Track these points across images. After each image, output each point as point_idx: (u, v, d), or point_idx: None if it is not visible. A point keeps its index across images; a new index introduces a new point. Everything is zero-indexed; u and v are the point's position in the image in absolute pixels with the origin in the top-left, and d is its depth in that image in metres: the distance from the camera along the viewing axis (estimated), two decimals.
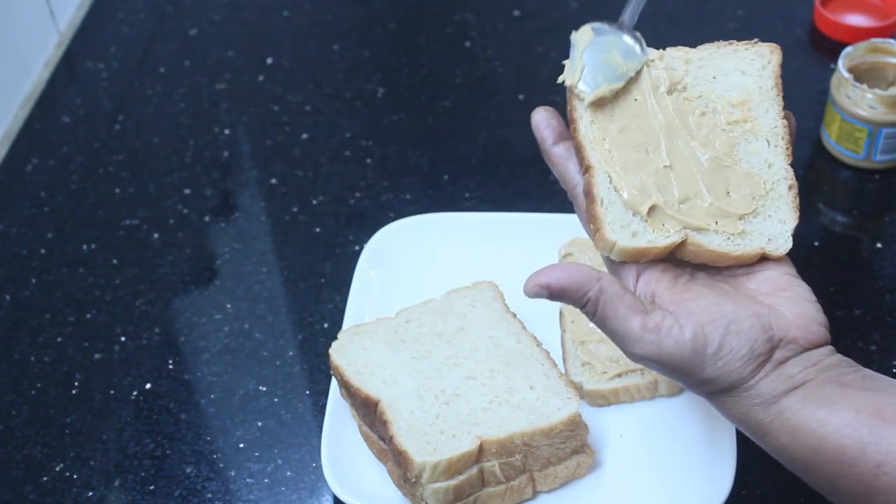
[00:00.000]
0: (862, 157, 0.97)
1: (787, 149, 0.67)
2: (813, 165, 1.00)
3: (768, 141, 0.67)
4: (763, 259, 0.66)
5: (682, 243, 0.64)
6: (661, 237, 0.64)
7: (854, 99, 0.95)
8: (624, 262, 0.65)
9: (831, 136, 0.98)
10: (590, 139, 0.66)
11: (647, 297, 0.64)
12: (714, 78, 0.69)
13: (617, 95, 0.67)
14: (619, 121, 0.67)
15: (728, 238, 0.65)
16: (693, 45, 1.17)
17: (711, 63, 0.69)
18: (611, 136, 0.66)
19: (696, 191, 0.65)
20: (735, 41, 0.71)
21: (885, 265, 0.91)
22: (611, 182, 0.65)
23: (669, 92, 0.68)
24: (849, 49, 0.97)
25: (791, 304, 0.64)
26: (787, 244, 0.65)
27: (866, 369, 0.63)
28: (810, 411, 0.60)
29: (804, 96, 1.05)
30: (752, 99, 0.68)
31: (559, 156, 0.68)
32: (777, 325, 0.62)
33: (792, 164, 0.67)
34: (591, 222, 0.65)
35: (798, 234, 0.93)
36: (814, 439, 0.59)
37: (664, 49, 0.70)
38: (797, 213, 0.66)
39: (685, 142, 0.66)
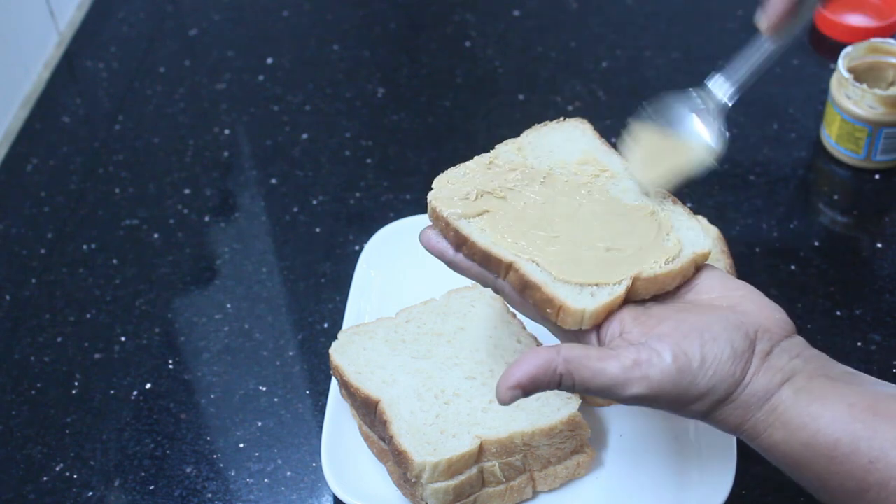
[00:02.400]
0: (862, 157, 0.97)
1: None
2: (813, 165, 1.00)
3: (629, 179, 0.70)
4: (698, 270, 0.66)
5: (634, 282, 0.64)
6: (617, 287, 0.64)
7: (854, 99, 0.95)
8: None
9: (831, 136, 0.98)
10: (492, 243, 0.66)
11: (615, 339, 0.63)
12: (551, 151, 0.72)
13: (484, 201, 0.69)
14: (504, 218, 0.68)
15: (667, 262, 0.66)
16: (693, 46, 1.17)
17: (541, 141, 0.73)
18: (508, 232, 0.67)
19: (611, 238, 0.67)
20: (547, 122, 0.74)
21: (885, 265, 0.91)
22: (539, 266, 0.65)
23: (526, 179, 0.70)
24: (849, 49, 0.97)
25: (746, 300, 0.64)
26: (707, 242, 0.67)
27: (846, 366, 0.63)
28: (803, 406, 0.60)
29: (804, 96, 1.05)
30: (593, 155, 0.72)
31: (465, 261, 0.68)
32: (747, 320, 0.62)
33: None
34: (547, 307, 0.64)
35: (798, 234, 0.94)
36: (806, 434, 0.59)
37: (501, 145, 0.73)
38: (695, 218, 0.69)
39: (571, 207, 0.68)
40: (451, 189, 0.69)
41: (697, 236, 0.67)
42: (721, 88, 0.72)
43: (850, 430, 0.58)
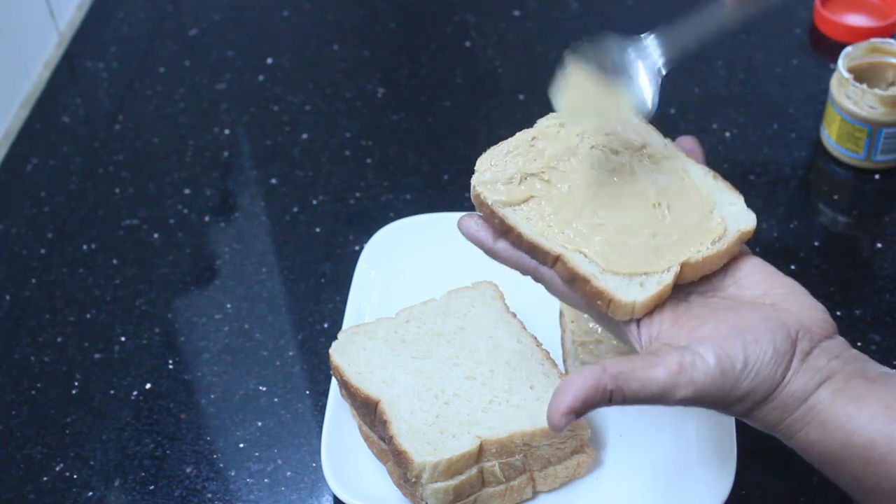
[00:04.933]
0: (862, 157, 0.97)
1: (689, 156, 0.71)
2: (813, 165, 1.00)
3: (668, 158, 0.70)
4: (741, 259, 0.66)
5: (682, 268, 0.64)
6: (665, 274, 0.64)
7: (854, 99, 0.95)
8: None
9: (831, 136, 0.98)
10: (539, 234, 0.66)
11: (655, 341, 0.63)
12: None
13: (528, 185, 0.68)
14: (549, 205, 0.67)
15: (713, 242, 0.65)
16: (692, 46, 1.16)
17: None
18: (554, 221, 0.67)
19: (656, 223, 0.67)
20: None
21: (885, 265, 0.91)
22: (586, 257, 0.65)
23: (570, 157, 0.70)
24: (849, 49, 0.97)
25: (790, 299, 0.64)
26: (751, 216, 0.67)
27: (884, 366, 0.63)
28: (840, 406, 0.60)
29: (804, 96, 1.05)
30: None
31: (506, 250, 0.68)
32: (789, 319, 0.62)
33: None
34: (597, 299, 0.64)
35: (798, 234, 0.94)
36: (843, 434, 0.59)
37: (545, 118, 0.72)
38: (738, 192, 0.68)
39: (615, 190, 0.68)
40: (494, 171, 0.69)
41: (741, 212, 0.67)
42: (661, 48, 0.68)
43: (886, 430, 0.58)
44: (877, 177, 0.98)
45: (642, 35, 0.68)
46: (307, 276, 0.93)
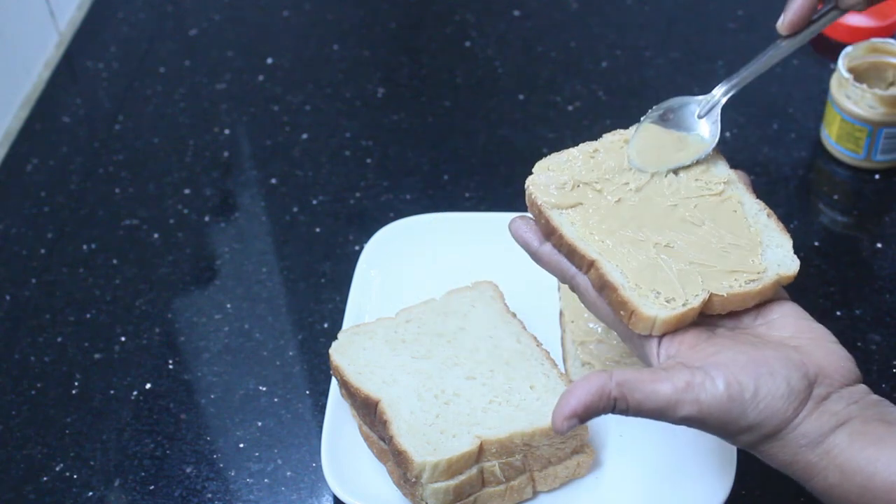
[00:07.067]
0: (862, 157, 0.97)
1: (748, 189, 0.71)
2: (813, 165, 1.00)
3: (728, 189, 0.71)
4: (776, 302, 0.66)
5: (710, 297, 0.65)
6: (693, 299, 0.64)
7: (854, 99, 0.95)
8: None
9: (831, 136, 0.98)
10: (579, 238, 0.67)
11: (671, 360, 0.64)
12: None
13: (579, 192, 0.70)
14: (596, 213, 0.69)
15: (748, 282, 0.66)
16: (693, 46, 1.17)
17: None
18: (596, 229, 0.68)
19: (696, 251, 0.67)
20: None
21: (885, 265, 0.91)
22: (619, 268, 0.66)
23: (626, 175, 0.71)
24: (849, 49, 0.97)
25: (816, 344, 0.63)
26: (795, 263, 0.67)
27: None
28: (858, 449, 0.59)
29: (804, 96, 1.05)
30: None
31: (549, 253, 0.69)
32: (810, 363, 0.62)
33: (761, 199, 0.71)
34: (620, 309, 0.65)
35: (798, 234, 0.94)
36: (862, 477, 0.59)
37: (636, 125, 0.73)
38: (788, 235, 0.69)
39: (664, 210, 0.69)
40: (549, 176, 0.70)
41: (785, 256, 0.67)
42: (719, 90, 0.73)
43: None
44: (877, 177, 0.98)
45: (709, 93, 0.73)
46: (307, 276, 0.93)
